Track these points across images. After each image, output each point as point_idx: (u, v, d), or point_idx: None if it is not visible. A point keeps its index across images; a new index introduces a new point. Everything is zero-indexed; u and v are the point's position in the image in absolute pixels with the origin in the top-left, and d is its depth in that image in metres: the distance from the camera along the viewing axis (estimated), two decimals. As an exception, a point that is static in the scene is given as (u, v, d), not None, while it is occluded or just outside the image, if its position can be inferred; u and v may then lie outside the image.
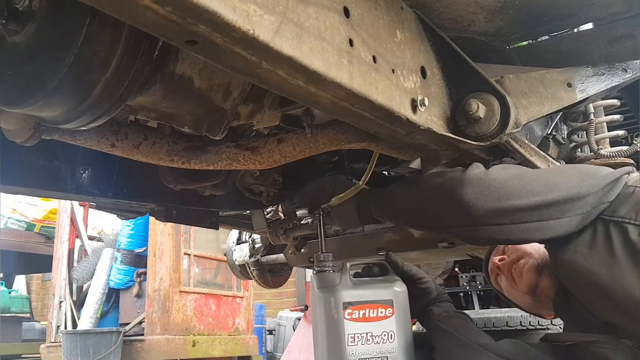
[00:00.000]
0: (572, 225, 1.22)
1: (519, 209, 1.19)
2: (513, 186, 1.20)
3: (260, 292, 7.17)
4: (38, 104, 0.85)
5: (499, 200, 1.19)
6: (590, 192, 1.22)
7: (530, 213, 1.19)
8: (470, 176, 1.22)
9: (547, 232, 1.21)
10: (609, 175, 1.26)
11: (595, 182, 1.24)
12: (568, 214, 1.20)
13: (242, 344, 5.70)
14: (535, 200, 1.19)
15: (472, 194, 1.19)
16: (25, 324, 7.23)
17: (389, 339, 1.40)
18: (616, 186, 1.25)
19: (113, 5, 0.60)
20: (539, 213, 1.19)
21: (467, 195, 1.19)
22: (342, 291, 1.40)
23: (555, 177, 1.25)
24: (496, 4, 1.19)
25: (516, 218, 1.19)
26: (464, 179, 1.22)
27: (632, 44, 1.40)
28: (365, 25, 0.94)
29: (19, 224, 6.76)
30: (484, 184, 1.20)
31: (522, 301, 1.55)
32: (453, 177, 1.24)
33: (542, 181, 1.23)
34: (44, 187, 1.45)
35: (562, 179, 1.25)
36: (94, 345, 4.62)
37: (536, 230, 1.21)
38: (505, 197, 1.19)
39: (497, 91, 1.17)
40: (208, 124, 1.16)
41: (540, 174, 1.28)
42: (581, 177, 1.25)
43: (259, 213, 2.16)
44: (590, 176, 1.26)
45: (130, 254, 5.33)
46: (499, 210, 1.19)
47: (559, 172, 1.34)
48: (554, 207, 1.20)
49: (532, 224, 1.20)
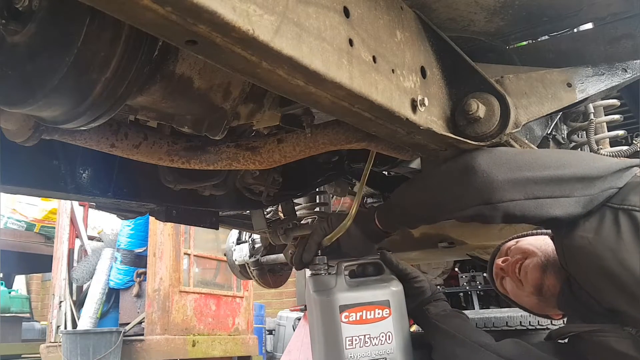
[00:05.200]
0: (580, 206, 1.21)
1: (532, 181, 1.18)
2: (525, 159, 1.20)
3: (260, 292, 7.16)
4: (38, 104, 0.85)
5: (512, 171, 1.17)
6: (600, 174, 1.22)
7: (543, 187, 1.18)
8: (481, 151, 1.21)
9: (558, 209, 1.20)
10: (620, 162, 1.26)
11: (607, 166, 1.24)
12: (577, 192, 1.20)
13: (242, 344, 5.70)
14: (547, 174, 1.19)
15: (485, 165, 1.17)
16: (25, 324, 7.24)
17: (387, 339, 1.39)
18: (626, 174, 1.25)
19: (113, 5, 0.60)
20: (551, 188, 1.19)
21: (481, 166, 1.17)
22: (338, 294, 1.39)
23: (566, 155, 1.26)
24: (496, 4, 1.19)
25: (529, 192, 1.18)
26: (475, 154, 1.20)
27: (632, 44, 1.40)
28: (365, 25, 0.94)
29: (19, 224, 6.76)
30: (496, 155, 1.20)
31: (529, 302, 1.53)
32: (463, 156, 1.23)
33: (553, 157, 1.24)
34: (44, 187, 1.45)
35: (574, 158, 1.25)
36: (94, 345, 4.62)
37: (549, 207, 1.19)
38: (517, 168, 1.18)
39: (497, 91, 1.17)
40: (208, 124, 1.15)
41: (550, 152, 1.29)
42: (592, 159, 1.26)
43: (259, 213, 2.16)
44: (602, 160, 1.27)
45: (130, 254, 5.33)
46: (513, 181, 1.17)
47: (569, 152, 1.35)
48: (565, 184, 1.19)
49: (545, 199, 1.19)
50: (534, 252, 1.48)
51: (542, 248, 1.47)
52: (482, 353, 1.34)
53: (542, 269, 1.44)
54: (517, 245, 1.55)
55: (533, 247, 1.49)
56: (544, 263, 1.44)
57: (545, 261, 1.44)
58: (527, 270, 1.47)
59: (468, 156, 1.21)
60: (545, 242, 1.48)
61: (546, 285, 1.43)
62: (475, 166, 1.18)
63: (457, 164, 1.22)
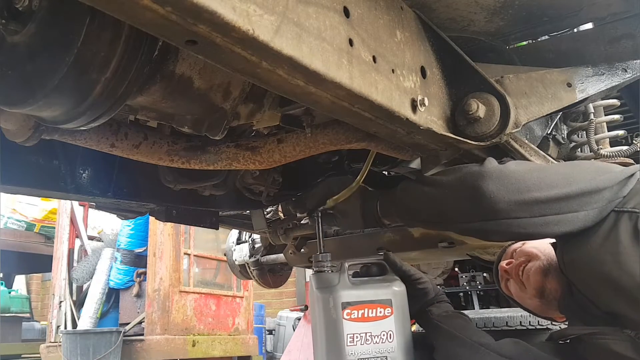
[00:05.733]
0: (589, 219, 1.23)
1: (540, 201, 1.19)
2: (533, 179, 1.20)
3: (260, 292, 7.17)
4: (38, 104, 0.85)
5: (520, 193, 1.18)
6: (606, 186, 1.23)
7: (551, 206, 1.19)
8: (490, 169, 1.21)
9: (566, 225, 1.21)
10: (624, 171, 1.28)
11: (612, 177, 1.25)
12: (586, 207, 1.21)
13: (242, 344, 5.70)
14: (555, 193, 1.19)
15: (493, 186, 1.18)
16: (25, 324, 7.24)
17: (388, 338, 1.40)
18: (630, 182, 1.27)
19: (113, 5, 0.60)
20: (559, 206, 1.20)
21: (488, 188, 1.18)
22: (340, 291, 1.40)
23: (572, 171, 1.27)
24: (496, 4, 1.19)
25: (536, 211, 1.19)
26: (484, 172, 1.21)
27: (632, 44, 1.40)
28: (365, 25, 0.94)
29: (19, 224, 6.76)
30: (504, 176, 1.20)
31: (532, 304, 1.56)
32: (471, 171, 1.23)
33: (560, 174, 1.24)
34: (44, 187, 1.45)
35: (580, 173, 1.26)
36: (94, 345, 4.62)
37: (555, 224, 1.21)
38: (526, 190, 1.18)
39: (497, 91, 1.17)
40: (208, 124, 1.15)
41: (557, 168, 1.30)
42: (598, 172, 1.27)
43: (258, 213, 2.16)
44: (607, 171, 1.28)
45: (130, 254, 5.33)
46: (520, 203, 1.18)
47: (575, 166, 1.37)
48: (572, 200, 1.20)
49: (552, 217, 1.20)
50: (537, 256, 1.50)
51: (546, 252, 1.49)
52: (483, 352, 1.35)
53: (544, 272, 1.46)
54: (522, 248, 1.57)
55: (537, 251, 1.51)
56: (546, 267, 1.46)
57: (548, 265, 1.46)
58: (530, 273, 1.49)
59: (478, 175, 1.21)
60: (549, 245, 1.50)
61: (548, 288, 1.45)
62: (483, 188, 1.18)
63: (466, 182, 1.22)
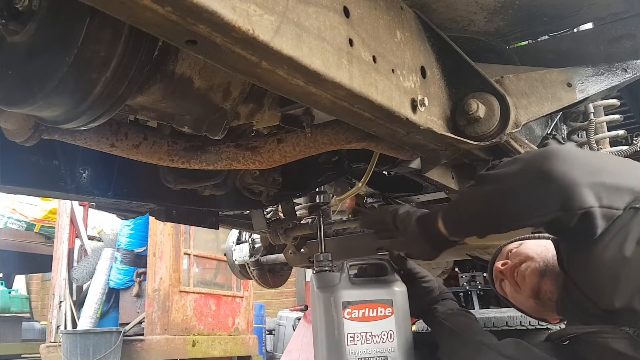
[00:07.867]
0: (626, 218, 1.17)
1: (608, 187, 1.14)
2: (594, 162, 1.17)
3: (260, 292, 7.16)
4: (38, 104, 0.85)
5: (591, 175, 1.13)
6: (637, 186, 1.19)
7: (611, 195, 1.14)
8: (555, 149, 1.17)
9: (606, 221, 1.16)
10: None
11: None
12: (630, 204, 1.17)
13: (242, 344, 5.70)
14: (615, 181, 1.16)
15: (565, 165, 1.12)
16: (25, 323, 7.24)
17: (389, 338, 1.40)
18: None
19: (113, 5, 0.60)
20: (614, 197, 1.15)
21: (559, 167, 1.11)
22: (341, 291, 1.41)
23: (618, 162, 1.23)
24: (496, 4, 1.19)
25: (604, 200, 1.12)
26: (545, 155, 1.15)
27: (632, 44, 1.40)
28: (365, 25, 0.94)
29: (18, 223, 6.76)
30: (573, 155, 1.16)
31: (527, 305, 1.54)
32: (530, 159, 1.18)
33: (618, 163, 1.20)
34: (44, 187, 1.45)
35: (626, 167, 1.23)
36: (94, 345, 4.62)
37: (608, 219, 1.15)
38: (597, 171, 1.14)
39: (497, 91, 1.17)
40: (208, 123, 1.16)
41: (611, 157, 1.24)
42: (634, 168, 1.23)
43: (259, 213, 2.16)
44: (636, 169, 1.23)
45: (130, 254, 5.32)
46: (592, 185, 1.12)
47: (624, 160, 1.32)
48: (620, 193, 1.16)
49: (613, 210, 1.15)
50: (533, 258, 1.49)
51: (542, 254, 1.48)
52: (485, 351, 1.35)
53: (540, 274, 1.45)
54: (518, 249, 1.56)
55: (533, 253, 1.50)
56: (542, 268, 1.45)
57: (544, 267, 1.45)
58: (525, 274, 1.48)
59: (538, 158, 1.15)
60: (546, 247, 1.49)
61: (543, 290, 1.44)
62: (551, 169, 1.12)
63: (527, 168, 1.17)
